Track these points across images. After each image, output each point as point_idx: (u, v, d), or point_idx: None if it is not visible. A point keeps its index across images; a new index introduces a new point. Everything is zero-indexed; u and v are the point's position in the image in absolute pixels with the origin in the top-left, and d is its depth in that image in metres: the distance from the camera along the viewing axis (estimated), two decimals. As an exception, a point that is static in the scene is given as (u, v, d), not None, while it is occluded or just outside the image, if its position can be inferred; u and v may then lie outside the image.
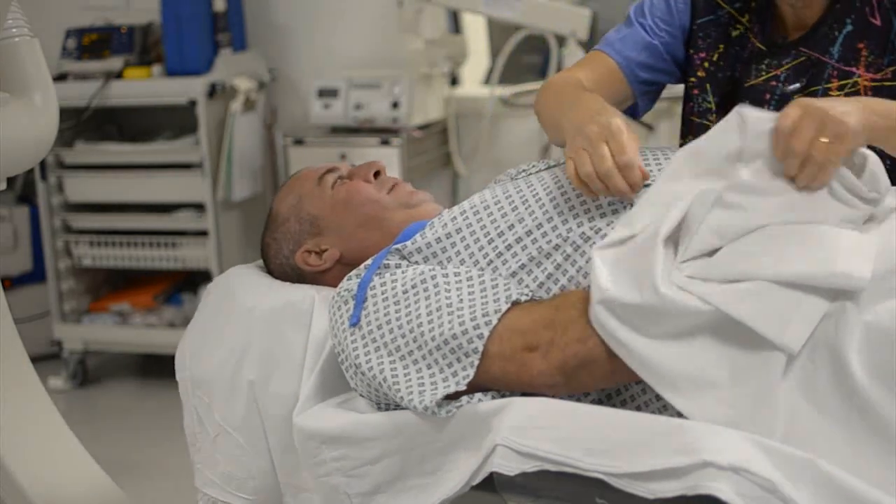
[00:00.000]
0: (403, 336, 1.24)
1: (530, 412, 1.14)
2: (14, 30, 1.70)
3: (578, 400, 1.22)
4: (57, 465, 1.84)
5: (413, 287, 1.27)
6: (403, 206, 1.49)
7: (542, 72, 3.49)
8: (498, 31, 3.54)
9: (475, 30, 3.68)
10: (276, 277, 1.54)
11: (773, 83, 1.50)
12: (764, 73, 1.51)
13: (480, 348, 1.18)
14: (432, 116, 3.40)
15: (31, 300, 3.59)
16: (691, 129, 1.63)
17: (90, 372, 3.59)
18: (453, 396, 1.20)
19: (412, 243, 1.34)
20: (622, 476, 1.02)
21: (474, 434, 1.17)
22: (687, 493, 0.97)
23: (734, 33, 1.55)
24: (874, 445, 1.03)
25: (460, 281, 1.26)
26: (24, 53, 1.72)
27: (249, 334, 1.44)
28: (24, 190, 3.70)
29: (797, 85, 1.47)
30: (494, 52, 3.56)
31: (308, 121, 3.42)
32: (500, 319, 1.19)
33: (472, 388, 1.20)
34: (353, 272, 1.35)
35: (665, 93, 1.72)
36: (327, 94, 3.29)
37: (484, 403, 1.19)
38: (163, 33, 3.37)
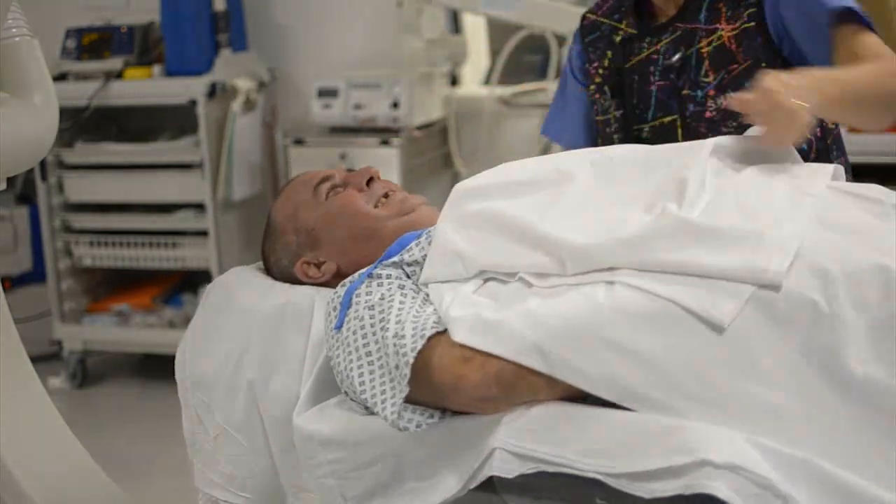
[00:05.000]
0: (377, 342, 1.22)
1: (527, 414, 1.13)
2: (14, 30, 1.70)
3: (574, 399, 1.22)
4: (57, 465, 1.84)
5: (390, 295, 1.26)
6: (396, 216, 1.48)
7: (542, 72, 3.49)
8: (498, 31, 3.54)
9: (475, 30, 3.68)
10: (278, 280, 1.55)
11: (655, 57, 1.72)
12: (645, 50, 1.73)
13: (412, 360, 1.15)
14: (432, 116, 3.40)
15: (31, 300, 3.59)
16: (597, 127, 1.82)
17: (90, 372, 3.60)
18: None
19: (408, 254, 1.34)
20: (619, 476, 1.02)
21: (472, 437, 1.17)
22: (684, 492, 0.97)
23: (617, 39, 1.77)
24: (870, 429, 1.02)
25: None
26: (24, 53, 1.72)
27: (249, 335, 1.44)
28: (24, 190, 3.70)
29: (677, 56, 1.69)
30: (494, 52, 3.56)
31: (308, 121, 3.42)
32: (438, 332, 1.17)
33: (424, 402, 1.18)
34: (348, 279, 1.35)
35: None
36: (327, 94, 3.30)
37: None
38: (163, 33, 3.38)
